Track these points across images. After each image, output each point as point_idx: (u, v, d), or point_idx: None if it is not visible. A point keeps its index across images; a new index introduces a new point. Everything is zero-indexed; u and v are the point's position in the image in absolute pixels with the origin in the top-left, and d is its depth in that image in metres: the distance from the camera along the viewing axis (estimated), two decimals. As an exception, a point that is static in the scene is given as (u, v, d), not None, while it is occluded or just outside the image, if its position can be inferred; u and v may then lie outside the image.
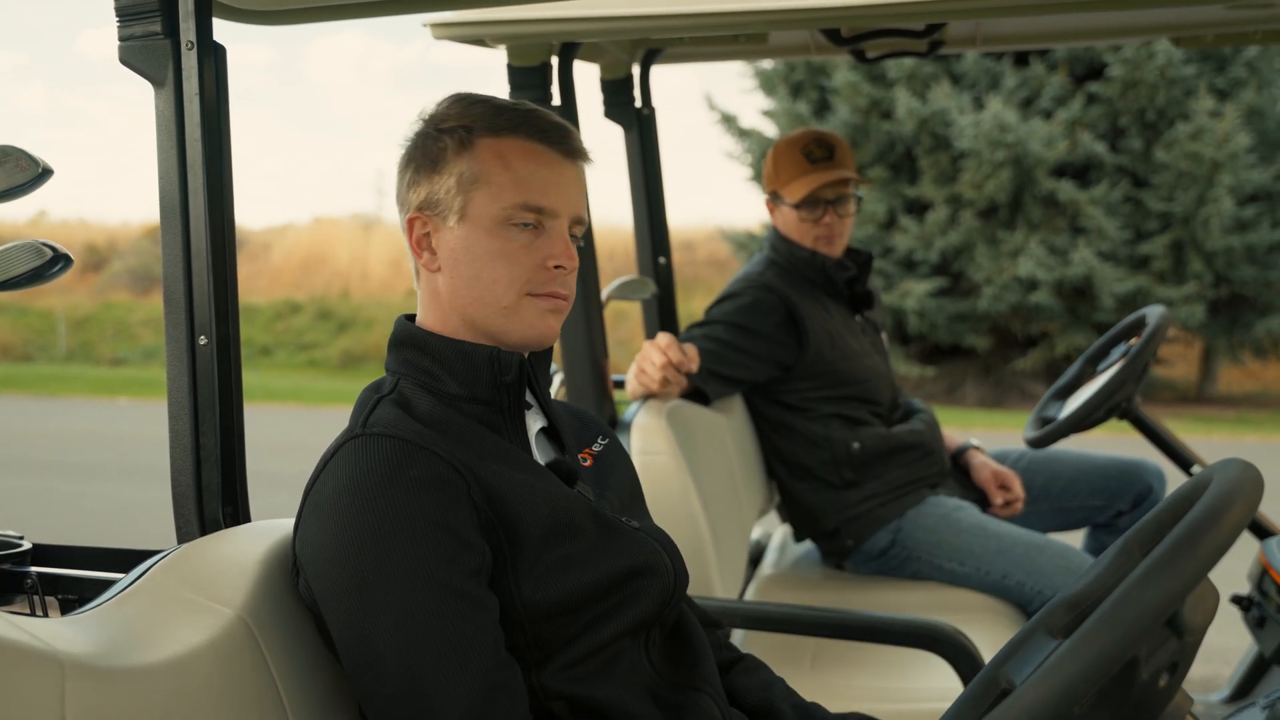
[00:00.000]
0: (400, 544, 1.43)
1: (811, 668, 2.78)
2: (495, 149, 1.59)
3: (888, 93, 12.96)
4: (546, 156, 1.60)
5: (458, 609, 1.43)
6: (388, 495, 1.45)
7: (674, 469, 2.71)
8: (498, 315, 1.60)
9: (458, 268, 1.61)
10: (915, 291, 12.77)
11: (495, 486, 1.51)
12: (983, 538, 3.08)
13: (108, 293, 19.63)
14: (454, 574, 1.44)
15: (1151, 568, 1.10)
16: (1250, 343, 13.10)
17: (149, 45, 1.73)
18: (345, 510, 1.46)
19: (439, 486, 1.47)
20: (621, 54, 3.19)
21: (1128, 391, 3.14)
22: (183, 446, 1.74)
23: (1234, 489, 1.14)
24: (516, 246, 1.58)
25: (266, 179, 40.34)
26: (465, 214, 1.59)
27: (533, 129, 1.61)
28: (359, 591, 1.43)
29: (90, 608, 1.43)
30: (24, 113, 46.73)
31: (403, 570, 1.42)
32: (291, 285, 19.49)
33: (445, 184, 1.60)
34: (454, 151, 1.60)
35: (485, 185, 1.58)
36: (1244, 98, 12.32)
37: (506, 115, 1.61)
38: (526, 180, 1.58)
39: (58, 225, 24.00)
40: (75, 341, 18.48)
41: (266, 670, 1.46)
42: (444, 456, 1.49)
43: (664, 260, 3.46)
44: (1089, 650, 1.10)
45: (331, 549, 1.46)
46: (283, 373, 16.61)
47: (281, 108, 44.63)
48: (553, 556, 1.52)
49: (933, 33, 2.85)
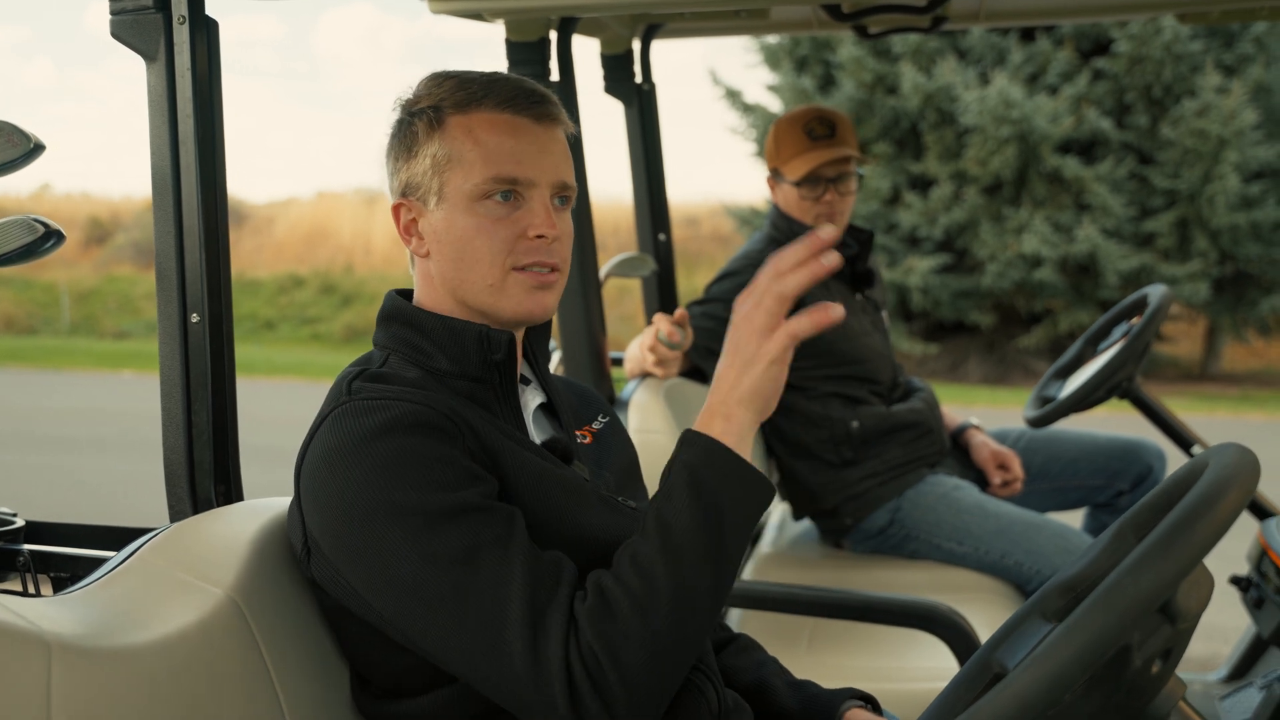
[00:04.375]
0: (411, 484, 1.40)
1: (809, 647, 2.78)
2: (464, 125, 1.57)
3: (893, 68, 12.90)
4: (516, 124, 1.57)
5: (485, 520, 1.40)
6: (384, 442, 1.42)
7: (671, 448, 2.69)
8: (486, 293, 1.58)
9: (443, 249, 1.59)
10: (919, 268, 12.73)
11: (490, 443, 1.50)
12: (981, 517, 3.07)
13: (111, 266, 19.63)
14: (471, 495, 1.42)
15: (1144, 554, 1.09)
16: (1255, 320, 13.06)
17: (140, 19, 1.72)
18: (347, 466, 1.42)
19: (436, 431, 1.44)
20: (622, 29, 3.16)
21: (1128, 371, 3.12)
22: (175, 425, 1.73)
23: (1230, 475, 1.13)
24: (494, 220, 1.56)
25: (271, 153, 40.28)
26: (443, 195, 1.58)
27: (499, 99, 1.58)
28: (382, 534, 1.40)
29: (79, 587, 1.42)
30: (31, 87, 46.66)
31: (421, 505, 1.39)
32: (295, 259, 19.47)
33: (421, 167, 1.59)
34: (425, 133, 1.59)
35: (458, 163, 1.56)
36: (1251, 74, 12.25)
37: (471, 88, 1.58)
38: (495, 152, 1.56)
39: (61, 199, 24.01)
40: (79, 315, 18.49)
41: (256, 650, 1.46)
42: (436, 408, 1.47)
43: (664, 237, 3.45)
44: (1081, 636, 1.09)
45: (341, 506, 1.43)
46: (286, 347, 16.61)
47: (287, 82, 44.54)
48: (547, 514, 1.50)
49: (935, 8, 2.82)
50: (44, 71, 53.86)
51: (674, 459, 1.46)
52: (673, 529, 1.39)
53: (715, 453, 1.43)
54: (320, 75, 45.79)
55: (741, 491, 1.42)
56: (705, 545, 1.39)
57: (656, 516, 1.41)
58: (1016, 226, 12.66)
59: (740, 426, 1.44)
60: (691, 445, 1.44)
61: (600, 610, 1.37)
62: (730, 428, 1.44)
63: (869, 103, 13.11)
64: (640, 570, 1.38)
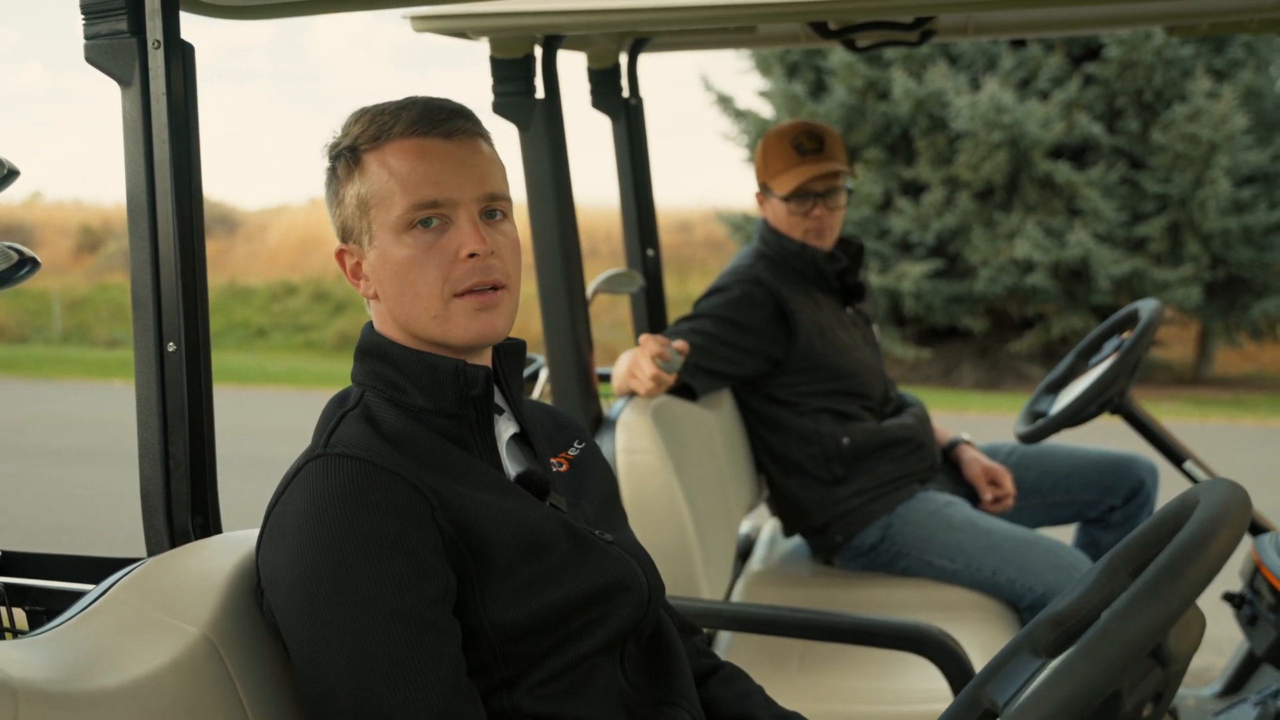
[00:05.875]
0: (357, 573, 1.40)
1: (799, 668, 2.76)
2: (378, 159, 1.55)
3: (884, 74, 12.89)
4: (426, 147, 1.54)
5: (415, 637, 1.39)
6: (347, 520, 1.42)
7: (659, 468, 2.67)
8: (432, 325, 1.55)
9: (384, 288, 1.57)
10: (911, 273, 12.72)
11: (462, 509, 1.48)
12: (973, 534, 3.05)
13: (103, 274, 19.55)
14: (412, 602, 1.41)
15: (1133, 599, 1.07)
16: (1247, 325, 13.06)
17: (115, 44, 1.70)
18: (304, 535, 1.43)
19: (401, 511, 1.43)
20: (609, 44, 3.14)
21: (1120, 387, 3.10)
22: (151, 456, 1.70)
23: (1220, 515, 1.11)
24: (424, 249, 1.53)
25: (265, 156, 40.23)
26: (373, 234, 1.56)
27: (406, 126, 1.55)
28: (313, 620, 1.41)
29: (49, 628, 1.39)
30: (22, 92, 46.56)
31: (358, 599, 1.39)
32: (288, 267, 19.41)
33: (349, 210, 1.58)
34: (345, 175, 1.58)
35: (380, 200, 1.54)
36: (1242, 79, 12.26)
37: (381, 120, 1.56)
38: (409, 179, 1.53)
39: (53, 206, 23.93)
40: (71, 323, 18.41)
41: (232, 689, 1.43)
42: (408, 479, 1.46)
43: (652, 252, 3.42)
44: (1071, 684, 1.07)
45: (289, 574, 1.43)
46: (279, 354, 16.56)
47: (279, 86, 44.50)
48: (522, 576, 1.49)
49: (922, 24, 2.81)
50: (35, 76, 53.78)
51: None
52: None
53: None
54: (312, 77, 45.74)
55: None
56: None
57: None
58: (1008, 232, 12.65)
59: None
60: None
61: None
62: None
63: (860, 108, 13.10)
64: None
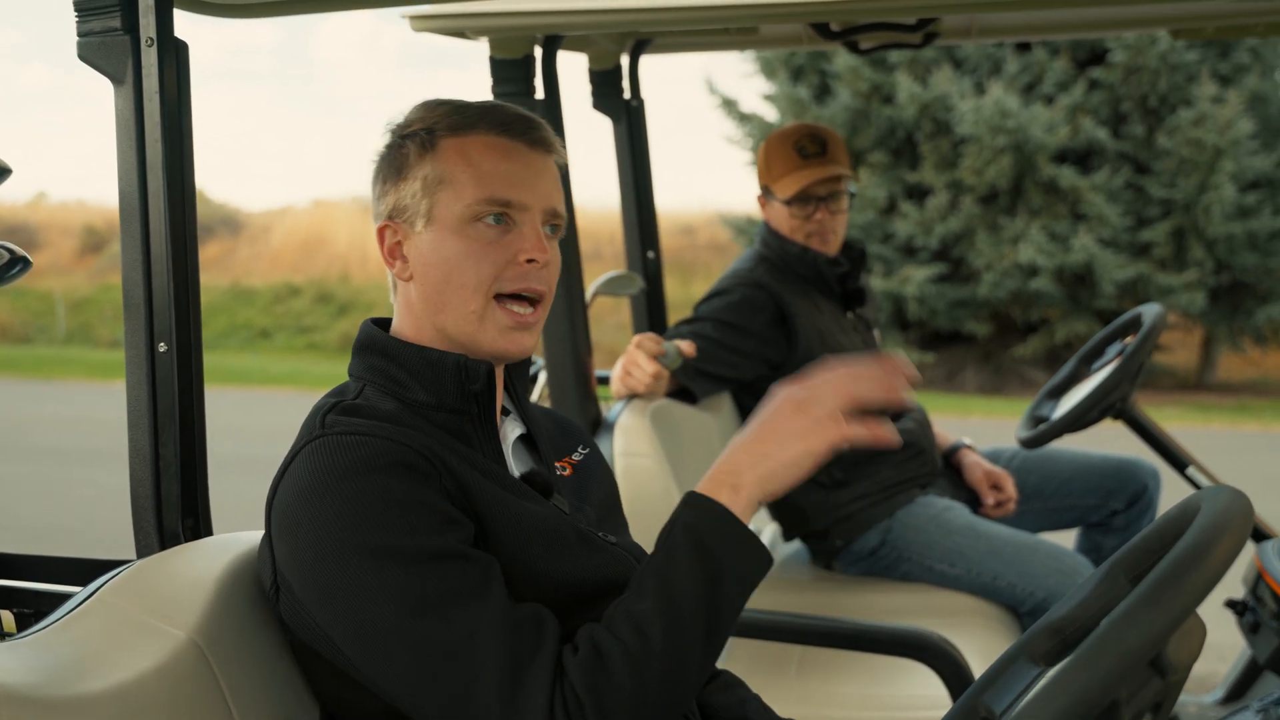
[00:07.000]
0: (384, 528, 1.36)
1: (798, 673, 2.74)
2: (458, 147, 1.55)
3: (889, 77, 12.88)
4: (512, 149, 1.56)
5: (460, 568, 1.37)
6: (358, 480, 1.39)
7: (657, 472, 2.65)
8: (466, 320, 1.54)
9: (427, 273, 1.56)
10: (915, 277, 12.70)
11: (468, 484, 1.46)
12: (973, 539, 3.03)
13: (107, 274, 19.55)
14: (447, 540, 1.38)
15: (1133, 608, 1.05)
16: (1251, 330, 13.04)
17: (108, 41, 1.68)
18: (314, 508, 1.39)
19: (409, 471, 1.41)
20: (610, 45, 3.12)
21: (1123, 392, 3.08)
22: (141, 457, 1.69)
23: (1221, 523, 1.09)
24: (484, 243, 1.53)
25: (269, 157, 40.28)
26: (432, 216, 1.55)
27: (495, 123, 1.56)
28: (353, 586, 1.36)
29: (34, 631, 1.38)
30: (26, 93, 46.63)
31: (393, 552, 1.36)
32: (291, 268, 19.42)
33: (411, 189, 1.56)
34: (417, 155, 1.56)
35: (449, 185, 1.54)
36: (1247, 84, 12.25)
37: (467, 112, 1.57)
38: (490, 174, 1.53)
39: (57, 206, 23.96)
40: (74, 323, 18.42)
41: (219, 694, 1.42)
42: (412, 446, 1.43)
43: (653, 255, 3.40)
44: (1069, 694, 1.05)
45: (311, 553, 1.39)
46: (282, 356, 16.56)
47: (283, 87, 44.55)
48: (525, 560, 1.47)
49: (925, 26, 2.79)
50: (38, 77, 53.88)
51: (676, 519, 1.44)
52: (673, 590, 1.38)
53: (722, 519, 1.42)
54: (316, 79, 45.79)
55: (744, 560, 1.41)
56: (703, 609, 1.38)
57: (657, 575, 1.40)
58: (1012, 236, 12.63)
59: (747, 502, 1.44)
60: (697, 508, 1.43)
61: (592, 664, 1.35)
62: (737, 500, 1.43)
63: (865, 112, 13.09)
64: (636, 627, 1.36)
